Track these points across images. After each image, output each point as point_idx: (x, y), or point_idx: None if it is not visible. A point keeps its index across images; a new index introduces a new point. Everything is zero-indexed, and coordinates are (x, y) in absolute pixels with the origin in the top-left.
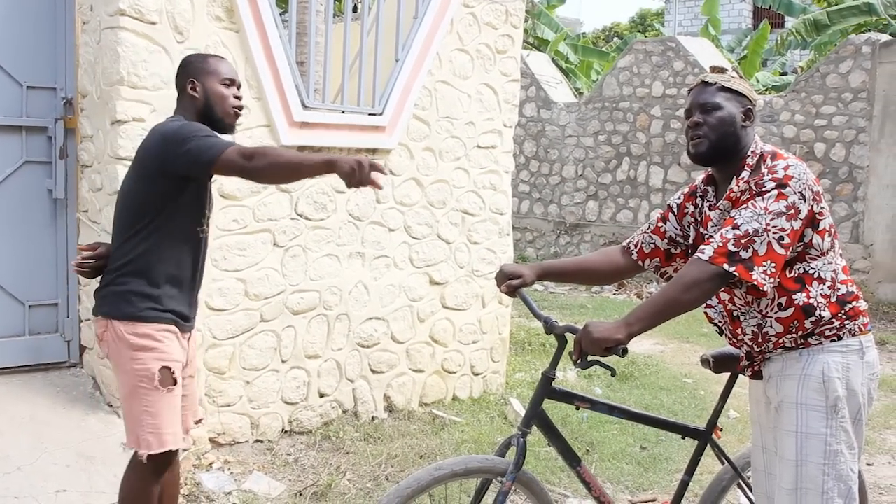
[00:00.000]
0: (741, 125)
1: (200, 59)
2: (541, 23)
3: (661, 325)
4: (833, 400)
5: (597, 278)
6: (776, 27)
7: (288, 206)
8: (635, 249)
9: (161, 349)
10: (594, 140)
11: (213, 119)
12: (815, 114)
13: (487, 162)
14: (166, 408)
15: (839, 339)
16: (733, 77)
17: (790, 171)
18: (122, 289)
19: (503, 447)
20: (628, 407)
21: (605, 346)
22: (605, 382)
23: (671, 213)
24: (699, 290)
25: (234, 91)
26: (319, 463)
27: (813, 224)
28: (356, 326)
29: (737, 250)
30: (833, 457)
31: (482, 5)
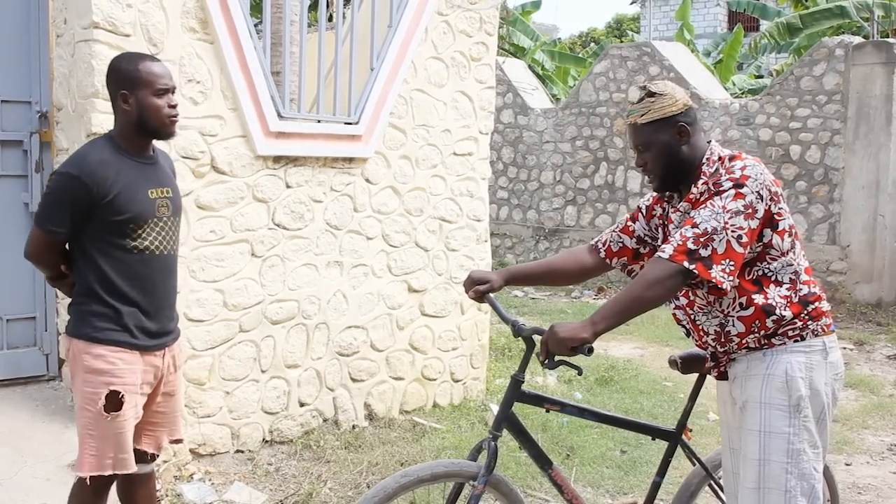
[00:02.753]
0: (680, 146)
1: (132, 66)
2: (517, 30)
3: (644, 330)
4: (796, 399)
5: (565, 279)
6: (751, 31)
7: (265, 216)
8: (603, 248)
9: (113, 372)
10: (572, 145)
11: (149, 131)
12: (790, 116)
13: (464, 169)
14: (110, 433)
15: (802, 340)
16: (652, 102)
17: (747, 171)
18: (81, 308)
19: (475, 451)
20: (598, 409)
21: (570, 345)
22: (584, 387)
23: (640, 214)
24: (661, 288)
25: (168, 99)
26: (300, 472)
27: (772, 224)
28: (335, 335)
29: (696, 248)
30: (796, 455)
31: (456, 13)
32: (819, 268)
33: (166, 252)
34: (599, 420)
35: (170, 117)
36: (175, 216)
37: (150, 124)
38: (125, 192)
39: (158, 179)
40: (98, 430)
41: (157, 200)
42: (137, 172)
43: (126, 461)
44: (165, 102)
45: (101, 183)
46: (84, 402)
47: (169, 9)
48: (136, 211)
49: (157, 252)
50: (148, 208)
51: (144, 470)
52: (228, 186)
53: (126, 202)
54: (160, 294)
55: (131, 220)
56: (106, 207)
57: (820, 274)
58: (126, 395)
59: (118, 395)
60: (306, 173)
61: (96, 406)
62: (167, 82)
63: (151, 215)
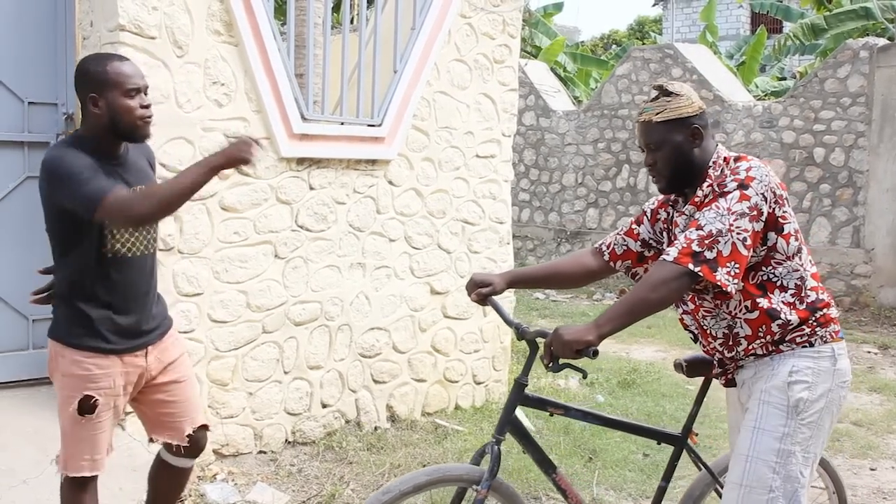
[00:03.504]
0: (691, 148)
1: (100, 68)
2: (538, 31)
3: (666, 333)
4: (795, 401)
5: (568, 282)
6: (774, 32)
7: (288, 217)
8: (608, 251)
9: (87, 377)
10: (594, 148)
11: (121, 133)
12: (813, 119)
13: (487, 171)
14: (86, 435)
15: (811, 346)
16: (668, 101)
17: (752, 173)
18: (60, 313)
19: (478, 455)
20: (602, 413)
21: (575, 348)
22: (607, 390)
23: (645, 218)
24: (666, 290)
25: (140, 100)
26: (323, 473)
27: (776, 228)
28: (358, 337)
29: (701, 250)
30: (785, 456)
31: (479, 15)
32: (843, 271)
33: (141, 253)
34: (603, 424)
35: (142, 118)
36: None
37: (123, 126)
38: None
39: (129, 179)
40: (73, 432)
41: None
42: (108, 174)
43: (98, 462)
44: (137, 103)
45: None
46: (62, 404)
47: (194, 11)
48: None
49: (131, 255)
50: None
51: (185, 464)
52: (252, 188)
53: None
54: (136, 296)
55: (102, 224)
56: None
57: (844, 277)
58: (101, 399)
59: (91, 400)
60: (329, 175)
61: (69, 409)
62: (138, 82)
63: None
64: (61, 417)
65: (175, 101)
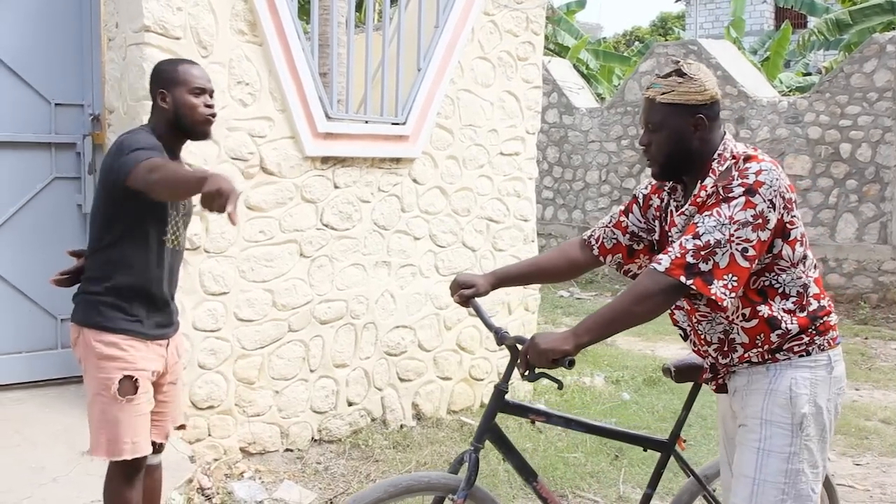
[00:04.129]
0: (692, 138)
1: (171, 67)
2: (561, 29)
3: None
4: (799, 417)
5: (556, 277)
6: (798, 27)
7: (314, 216)
8: (596, 245)
9: (125, 358)
10: (617, 145)
11: (184, 128)
12: (839, 114)
13: (511, 169)
14: (125, 417)
15: (808, 355)
16: (679, 83)
17: (762, 177)
18: (93, 298)
19: (456, 463)
20: (586, 420)
21: (551, 357)
22: (632, 388)
23: (635, 205)
24: (652, 303)
25: (204, 99)
26: (349, 471)
27: (783, 234)
28: (383, 335)
29: (695, 262)
30: (794, 476)
31: (503, 13)
32: (870, 268)
33: (176, 247)
34: (587, 431)
35: (205, 116)
36: (188, 212)
37: (185, 121)
38: None
39: None
40: (114, 414)
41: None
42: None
43: (139, 445)
44: (202, 101)
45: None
46: (99, 389)
47: (218, 11)
48: (175, 206)
49: (171, 245)
50: (182, 204)
51: (154, 461)
52: (277, 187)
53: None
54: (169, 287)
55: (167, 215)
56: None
57: (871, 274)
58: (140, 381)
59: (132, 380)
60: (354, 174)
61: (110, 391)
62: (204, 83)
63: (175, 208)
64: (98, 403)
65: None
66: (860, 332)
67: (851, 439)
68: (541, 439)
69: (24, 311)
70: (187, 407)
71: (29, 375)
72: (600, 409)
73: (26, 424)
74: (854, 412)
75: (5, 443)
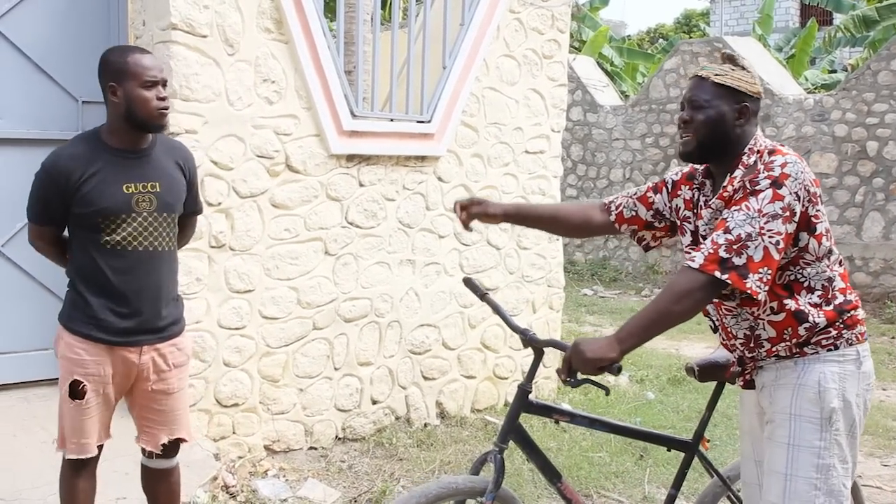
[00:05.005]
0: (733, 124)
1: (120, 59)
2: (586, 26)
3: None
4: (828, 412)
5: (568, 230)
6: (824, 24)
7: (339, 214)
8: (615, 210)
9: (78, 361)
10: (641, 143)
11: (137, 123)
12: (866, 112)
13: (536, 167)
14: (74, 418)
15: (836, 349)
16: (732, 69)
17: (787, 170)
18: (66, 297)
19: (478, 464)
20: (610, 420)
21: (598, 365)
22: (657, 387)
23: (665, 188)
24: (691, 301)
25: (157, 91)
26: (373, 469)
27: (809, 227)
28: (408, 333)
29: (729, 256)
30: (825, 471)
31: (528, 10)
32: None
33: (147, 248)
34: (611, 431)
35: (158, 109)
36: (163, 211)
37: (138, 116)
38: (95, 186)
39: (143, 174)
40: (64, 412)
41: (134, 195)
42: (115, 167)
43: (85, 446)
44: (154, 94)
45: (68, 177)
46: (60, 384)
47: (245, 9)
48: (104, 205)
49: (132, 248)
50: (120, 202)
51: (162, 465)
52: (302, 185)
53: (94, 196)
54: (138, 290)
55: (98, 213)
56: (76, 201)
57: None
58: (89, 386)
59: (80, 385)
60: (379, 172)
61: (62, 390)
62: (156, 74)
63: (125, 210)
64: (59, 398)
65: (226, 98)
66: (887, 332)
67: (879, 440)
68: (565, 438)
69: (50, 308)
70: (212, 404)
71: (54, 372)
72: (625, 408)
73: (52, 421)
74: (881, 412)
75: (31, 439)
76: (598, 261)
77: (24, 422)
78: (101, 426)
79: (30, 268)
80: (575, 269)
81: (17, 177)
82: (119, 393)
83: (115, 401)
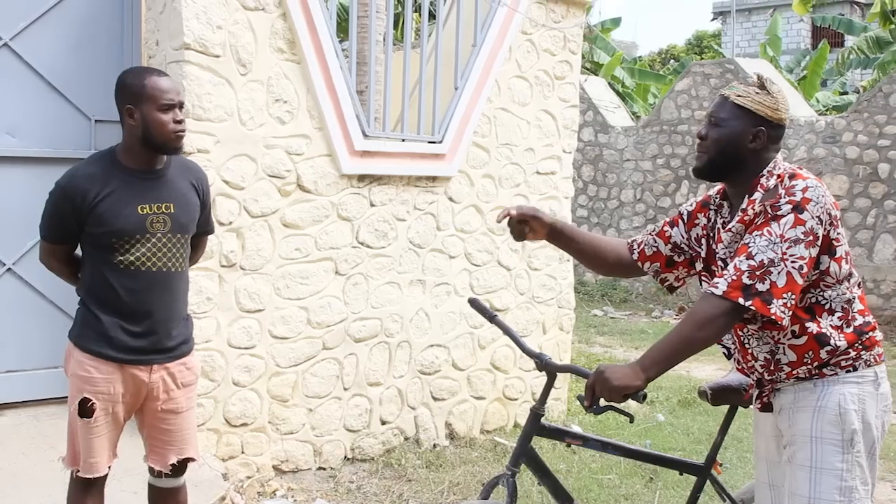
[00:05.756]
0: (748, 146)
1: (138, 81)
2: (597, 47)
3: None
4: (849, 433)
5: (599, 263)
6: (835, 46)
7: (349, 234)
8: (637, 249)
9: (88, 379)
10: (653, 164)
11: (154, 146)
12: (878, 134)
13: (547, 188)
14: (83, 437)
15: (855, 370)
16: (757, 93)
17: (809, 194)
18: (77, 314)
19: (489, 487)
20: (622, 443)
21: (623, 393)
22: (667, 409)
23: (681, 220)
24: (714, 327)
25: (174, 115)
26: (382, 490)
27: (830, 251)
28: (417, 354)
29: (752, 283)
30: (848, 493)
31: (540, 32)
32: None
33: (161, 268)
34: (624, 454)
35: (175, 132)
36: (177, 232)
37: (155, 139)
38: (109, 206)
39: (158, 195)
40: (74, 430)
41: (149, 216)
42: (130, 187)
43: (94, 466)
44: (171, 118)
45: (84, 196)
46: (69, 403)
47: (258, 30)
48: (119, 226)
49: (146, 268)
50: (134, 223)
51: (170, 484)
52: (314, 205)
53: (108, 216)
54: (150, 310)
55: (112, 234)
56: (90, 220)
57: None
58: (98, 404)
59: (88, 403)
60: (390, 192)
61: (71, 408)
62: (173, 97)
63: (139, 231)
64: (68, 415)
65: (238, 118)
66: None
67: (890, 464)
68: (574, 460)
69: (61, 327)
70: (221, 424)
71: (65, 391)
72: (635, 430)
73: (62, 439)
74: (892, 436)
75: (41, 457)
76: (609, 281)
77: (34, 440)
78: (110, 445)
79: (40, 286)
80: (585, 289)
81: (29, 195)
82: (128, 412)
83: (124, 420)
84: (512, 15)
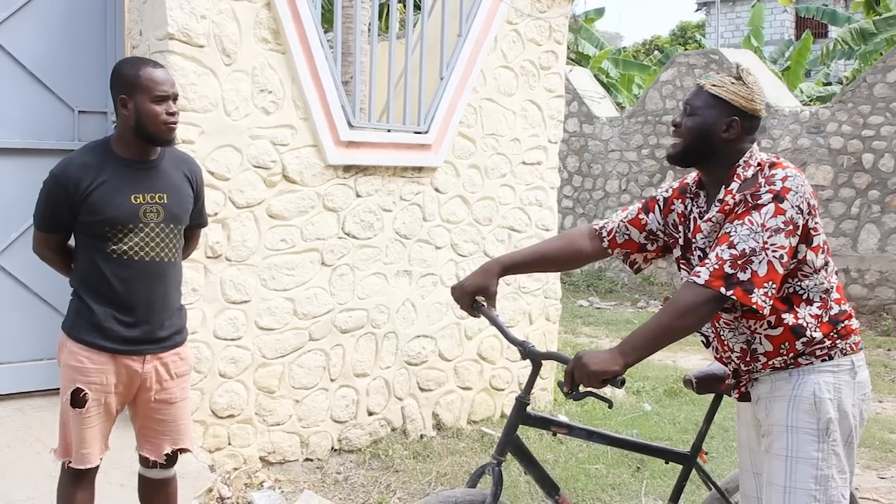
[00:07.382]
0: (721, 135)
1: (132, 72)
2: (582, 38)
3: None
4: (825, 422)
5: (559, 266)
6: (819, 37)
7: (335, 225)
8: (608, 237)
9: (80, 369)
10: (637, 154)
11: (146, 136)
12: (862, 124)
13: (533, 178)
14: (75, 427)
15: (830, 359)
16: (732, 83)
17: (788, 183)
18: (70, 305)
19: (475, 477)
20: (608, 432)
21: (601, 378)
22: (653, 398)
23: (657, 206)
24: (694, 316)
25: (167, 107)
26: (369, 481)
27: (807, 240)
28: (404, 344)
29: (734, 272)
30: (824, 482)
31: (526, 22)
32: (892, 279)
33: (154, 258)
34: (609, 443)
35: (167, 124)
36: (170, 223)
37: (148, 130)
38: (103, 195)
39: (151, 185)
40: (67, 421)
41: (142, 206)
42: (124, 177)
43: (86, 457)
44: (164, 109)
45: (77, 185)
46: (61, 393)
47: (242, 20)
48: (111, 215)
49: (139, 258)
50: (127, 213)
51: (161, 475)
52: (299, 196)
53: (101, 205)
54: (143, 300)
55: (105, 222)
56: (84, 209)
57: (894, 285)
58: (91, 394)
59: (81, 393)
60: (376, 182)
61: (63, 398)
62: (167, 89)
63: (132, 220)
64: (60, 406)
65: (223, 108)
66: (882, 344)
67: (876, 452)
68: (561, 450)
69: (45, 319)
70: (207, 415)
71: (49, 383)
72: (621, 419)
73: (47, 432)
74: (878, 425)
75: (26, 450)
76: (594, 272)
77: (19, 433)
78: (102, 437)
79: (26, 278)
80: (571, 280)
81: (12, 187)
82: (121, 403)
83: (117, 412)
84: (497, 5)
